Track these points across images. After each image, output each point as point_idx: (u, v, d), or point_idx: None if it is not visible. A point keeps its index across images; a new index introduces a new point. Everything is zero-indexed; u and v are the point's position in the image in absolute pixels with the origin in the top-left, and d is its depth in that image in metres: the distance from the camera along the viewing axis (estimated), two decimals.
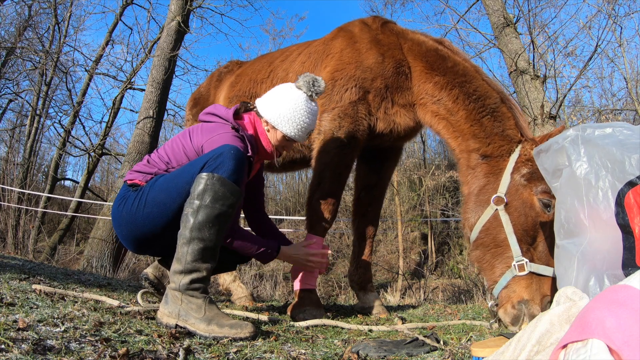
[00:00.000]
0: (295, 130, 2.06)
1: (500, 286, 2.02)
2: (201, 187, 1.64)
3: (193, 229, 1.61)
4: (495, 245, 2.07)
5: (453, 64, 2.44)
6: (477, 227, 2.12)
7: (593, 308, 0.87)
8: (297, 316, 2.28)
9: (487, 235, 2.09)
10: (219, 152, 1.73)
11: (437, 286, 10.54)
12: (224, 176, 1.66)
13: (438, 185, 13.76)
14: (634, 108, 9.75)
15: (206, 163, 1.71)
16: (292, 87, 2.09)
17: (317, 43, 2.99)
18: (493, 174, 2.17)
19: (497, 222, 2.07)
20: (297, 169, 3.46)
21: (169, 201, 1.79)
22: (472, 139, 2.28)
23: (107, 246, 7.17)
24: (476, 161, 2.25)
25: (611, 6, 7.03)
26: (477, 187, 2.20)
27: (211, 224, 1.63)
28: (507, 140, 2.20)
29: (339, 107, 2.53)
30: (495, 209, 2.08)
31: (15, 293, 1.79)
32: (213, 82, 3.87)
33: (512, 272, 1.98)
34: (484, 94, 2.31)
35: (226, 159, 1.69)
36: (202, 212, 1.62)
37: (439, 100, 2.42)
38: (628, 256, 1.28)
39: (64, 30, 13.31)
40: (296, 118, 2.04)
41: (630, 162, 1.31)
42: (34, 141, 13.69)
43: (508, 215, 2.04)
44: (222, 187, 1.65)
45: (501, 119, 2.25)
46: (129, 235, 1.93)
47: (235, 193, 1.68)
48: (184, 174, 1.78)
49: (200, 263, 1.62)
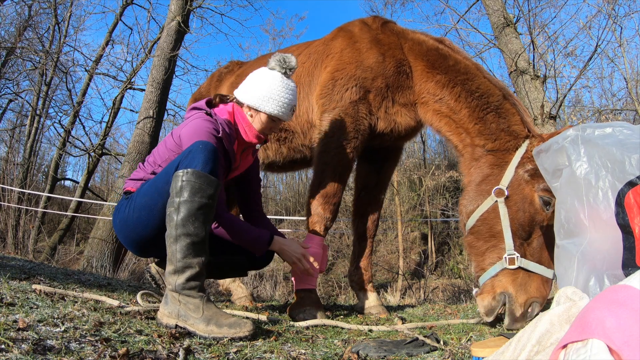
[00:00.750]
0: (278, 108, 2.08)
1: (487, 275, 2.05)
2: (178, 184, 1.67)
3: (178, 226, 1.63)
4: (490, 235, 2.09)
5: (454, 62, 2.44)
6: (474, 216, 2.14)
7: (593, 308, 0.87)
8: (297, 316, 2.28)
9: (483, 224, 2.12)
10: (188, 150, 1.78)
11: (437, 286, 10.54)
12: (198, 169, 1.69)
13: (438, 185, 13.76)
14: (634, 108, 9.75)
15: (180, 162, 1.76)
16: (265, 69, 2.13)
17: (317, 43, 2.99)
18: (498, 166, 2.18)
19: (495, 213, 2.08)
20: (297, 169, 3.46)
21: (153, 204, 1.86)
22: (477, 135, 2.28)
23: (107, 246, 7.17)
24: (481, 153, 2.26)
25: (611, 6, 7.03)
26: (480, 176, 2.21)
27: (194, 217, 1.65)
28: (513, 136, 2.20)
29: (339, 107, 2.53)
30: (495, 200, 2.09)
31: (15, 293, 1.79)
32: (214, 82, 3.87)
33: (501, 264, 2.01)
34: (486, 92, 2.31)
35: (196, 154, 1.73)
36: (183, 208, 1.64)
37: (441, 99, 2.42)
38: (628, 256, 1.28)
39: (64, 30, 13.31)
40: (276, 95, 2.07)
41: (630, 162, 1.31)
42: (34, 141, 13.69)
43: (507, 209, 2.06)
44: (198, 180, 1.67)
45: (505, 115, 2.25)
46: (127, 240, 2.03)
47: (212, 183, 1.70)
48: (163, 176, 1.85)
49: (191, 258, 1.63)
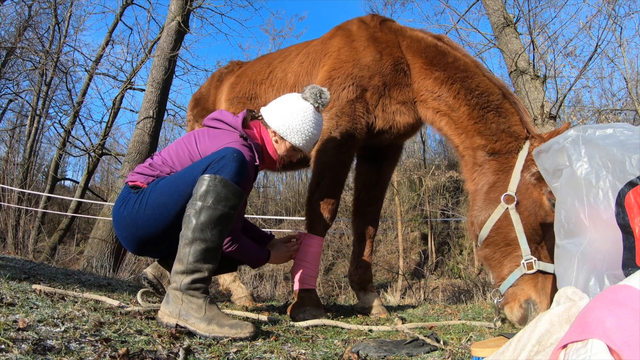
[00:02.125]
0: (304, 142, 2.10)
1: (508, 283, 2.02)
2: (204, 188, 1.65)
3: (195, 230, 1.62)
4: (506, 244, 2.06)
5: (453, 59, 2.42)
6: (487, 226, 2.10)
7: (593, 308, 0.87)
8: (297, 316, 2.28)
9: (497, 234, 2.08)
10: (221, 154, 1.73)
11: (437, 286, 10.54)
12: (227, 178, 1.67)
13: (438, 185, 13.76)
14: (634, 108, 9.74)
15: (209, 165, 1.72)
16: (299, 99, 2.12)
17: (316, 43, 2.99)
18: (503, 172, 2.15)
19: (507, 221, 2.05)
20: (297, 168, 3.47)
21: (171, 203, 1.80)
22: (477, 135, 2.25)
23: (107, 246, 7.17)
24: (483, 158, 2.22)
25: (611, 6, 7.03)
26: (486, 184, 2.18)
27: (213, 225, 1.63)
28: (514, 137, 2.18)
29: (336, 106, 2.52)
30: (505, 207, 2.06)
31: (15, 293, 1.79)
32: (214, 82, 3.87)
33: (520, 271, 1.98)
34: (486, 90, 2.29)
35: (229, 162, 1.70)
36: (205, 213, 1.63)
37: (440, 97, 2.40)
38: (628, 256, 1.28)
39: (64, 30, 13.32)
40: (305, 129, 2.08)
41: (630, 162, 1.31)
42: (34, 141, 13.69)
43: (519, 215, 2.03)
44: (225, 189, 1.65)
45: (505, 114, 2.23)
46: (130, 236, 1.93)
47: (237, 194, 1.69)
48: (186, 176, 1.79)
49: (202, 264, 1.63)
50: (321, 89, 2.14)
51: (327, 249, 13.59)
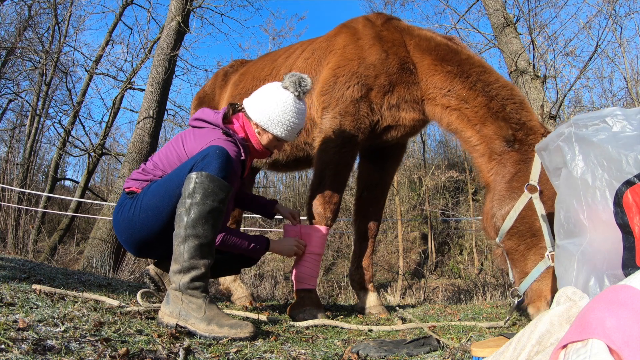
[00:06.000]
0: (285, 132, 2.09)
1: (531, 278, 1.97)
2: (191, 186, 1.68)
3: (187, 227, 1.64)
4: (532, 234, 2.02)
5: (467, 56, 2.41)
6: (511, 216, 2.05)
7: (593, 308, 0.87)
8: (297, 316, 2.27)
9: (523, 224, 2.03)
10: (205, 153, 1.78)
11: (437, 286, 10.53)
12: (212, 174, 1.70)
13: (438, 185, 13.75)
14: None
15: (194, 164, 1.76)
16: (279, 88, 2.10)
17: (321, 40, 2.97)
18: (524, 162, 2.12)
19: (532, 210, 2.01)
20: (301, 168, 3.42)
21: (162, 205, 1.85)
22: (497, 122, 2.21)
23: (107, 246, 7.17)
24: (502, 148, 2.18)
25: (611, 6, 7.02)
26: (508, 174, 2.13)
27: (204, 220, 1.66)
28: (533, 131, 2.16)
29: (340, 105, 2.51)
30: (529, 197, 2.02)
31: (15, 293, 1.79)
32: (218, 81, 3.87)
33: (545, 263, 1.95)
34: (507, 84, 2.28)
35: (212, 159, 1.74)
36: (194, 210, 1.65)
37: (450, 91, 2.37)
38: (628, 256, 1.28)
39: (64, 30, 13.29)
40: (286, 120, 2.07)
41: (627, 160, 1.30)
42: (34, 141, 13.67)
43: (542, 204, 1.99)
44: (211, 184, 1.68)
45: (527, 109, 2.22)
46: (128, 240, 2.00)
47: (225, 188, 1.72)
48: (175, 178, 1.84)
49: (197, 260, 1.64)
50: (301, 75, 2.10)
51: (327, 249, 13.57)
